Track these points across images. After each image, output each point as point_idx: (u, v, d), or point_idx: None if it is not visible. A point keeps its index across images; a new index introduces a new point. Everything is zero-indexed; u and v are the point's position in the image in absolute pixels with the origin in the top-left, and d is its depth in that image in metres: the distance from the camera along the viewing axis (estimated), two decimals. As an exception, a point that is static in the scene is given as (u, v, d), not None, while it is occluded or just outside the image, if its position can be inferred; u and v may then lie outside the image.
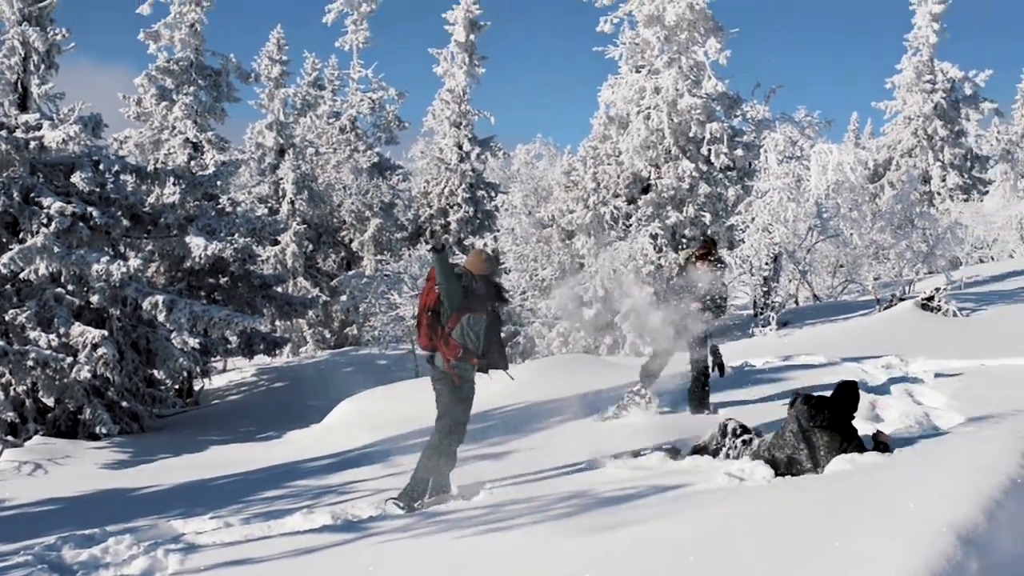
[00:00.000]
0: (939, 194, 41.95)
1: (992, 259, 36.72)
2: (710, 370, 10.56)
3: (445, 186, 37.85)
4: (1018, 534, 5.44)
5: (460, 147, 37.99)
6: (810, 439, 7.46)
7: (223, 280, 24.95)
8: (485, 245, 26.17)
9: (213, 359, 26.54)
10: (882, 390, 10.84)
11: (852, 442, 7.38)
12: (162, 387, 23.24)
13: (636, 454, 8.82)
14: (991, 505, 5.47)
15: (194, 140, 29.47)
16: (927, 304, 19.12)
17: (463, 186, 37.49)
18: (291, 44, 39.41)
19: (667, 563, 5.14)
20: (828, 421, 7.43)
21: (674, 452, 8.70)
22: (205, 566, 6.57)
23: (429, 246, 8.29)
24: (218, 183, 25.44)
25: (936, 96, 42.93)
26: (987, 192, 39.41)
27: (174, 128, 29.67)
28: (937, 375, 11.53)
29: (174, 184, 23.43)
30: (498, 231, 26.19)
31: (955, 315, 18.46)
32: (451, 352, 8.09)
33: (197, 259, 22.80)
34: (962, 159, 43.71)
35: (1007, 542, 5.24)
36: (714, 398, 10.67)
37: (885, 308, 20.75)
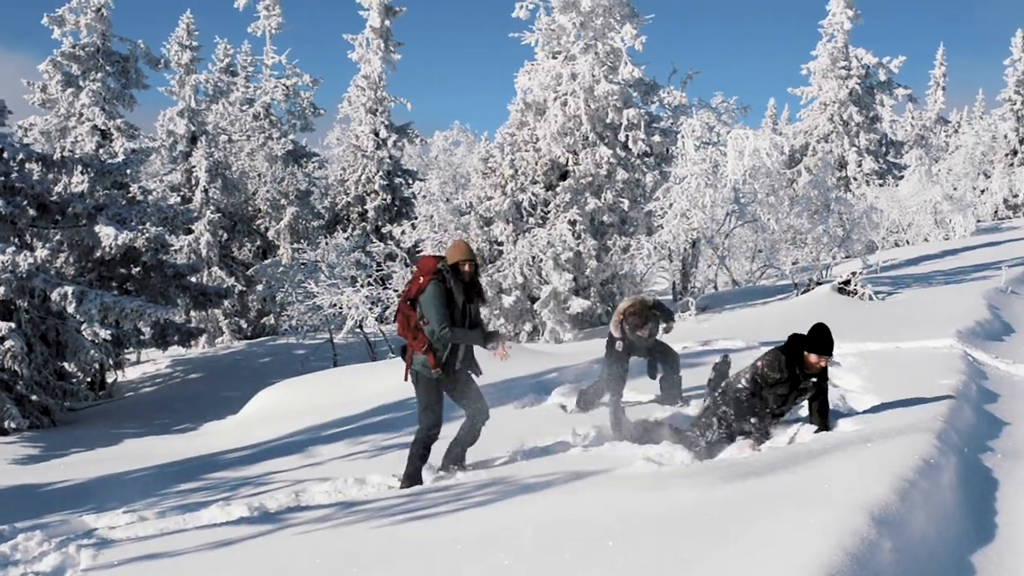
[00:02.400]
0: (855, 179, 42.72)
1: (907, 243, 37.53)
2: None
3: (362, 173, 37.54)
4: (931, 513, 5.53)
5: (377, 134, 37.70)
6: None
7: (135, 270, 24.52)
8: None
9: (126, 351, 26.09)
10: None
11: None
12: (73, 380, 22.78)
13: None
14: (904, 485, 5.55)
15: (102, 127, 28.85)
16: (844, 288, 19.43)
17: (380, 173, 37.23)
18: (202, 30, 38.89)
19: (577, 548, 5.13)
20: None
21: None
22: (118, 561, 6.42)
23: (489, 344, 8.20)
24: (128, 171, 24.97)
25: (851, 82, 43.67)
26: (902, 177, 40.22)
27: (81, 115, 28.99)
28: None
29: (82, 173, 22.93)
30: (416, 218, 26.04)
31: (871, 299, 18.79)
32: (417, 345, 7.99)
33: (107, 249, 22.37)
34: (877, 144, 44.54)
35: (920, 520, 5.33)
36: (632, 384, 10.69)
37: (803, 292, 21.05)
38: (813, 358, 7.67)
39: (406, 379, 8.25)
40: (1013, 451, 7.38)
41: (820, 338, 7.67)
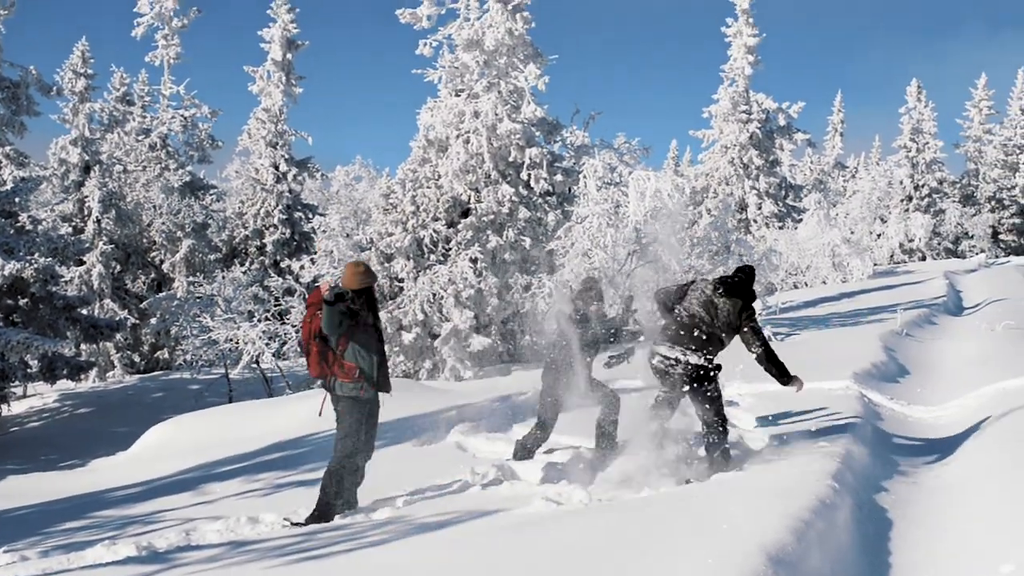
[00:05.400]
0: (755, 221, 43.39)
1: (806, 285, 38.23)
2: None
3: (261, 207, 37.12)
4: (826, 553, 5.59)
5: (276, 167, 37.33)
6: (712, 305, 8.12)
7: (23, 301, 23.80)
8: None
9: (11, 384, 25.25)
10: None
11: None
12: (-46, 414, 21.99)
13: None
14: (800, 525, 5.61)
15: (-9, 155, 28.06)
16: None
17: (279, 207, 36.84)
18: (97, 58, 37.94)
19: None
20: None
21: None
22: (-4, 603, 6.16)
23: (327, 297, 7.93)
24: (17, 200, 24.29)
25: (752, 126, 44.41)
26: (801, 220, 41.02)
27: (-32, 142, 28.16)
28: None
29: (-32, 200, 22.26)
30: (315, 253, 25.81)
31: (770, 339, 19.06)
32: (347, 375, 7.88)
33: (-7, 279, 21.72)
34: (777, 188, 45.31)
35: (815, 560, 5.38)
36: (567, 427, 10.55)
37: (702, 333, 21.25)
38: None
39: (320, 413, 8.13)
40: (906, 491, 7.52)
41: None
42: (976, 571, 5.59)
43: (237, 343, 24.01)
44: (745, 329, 8.11)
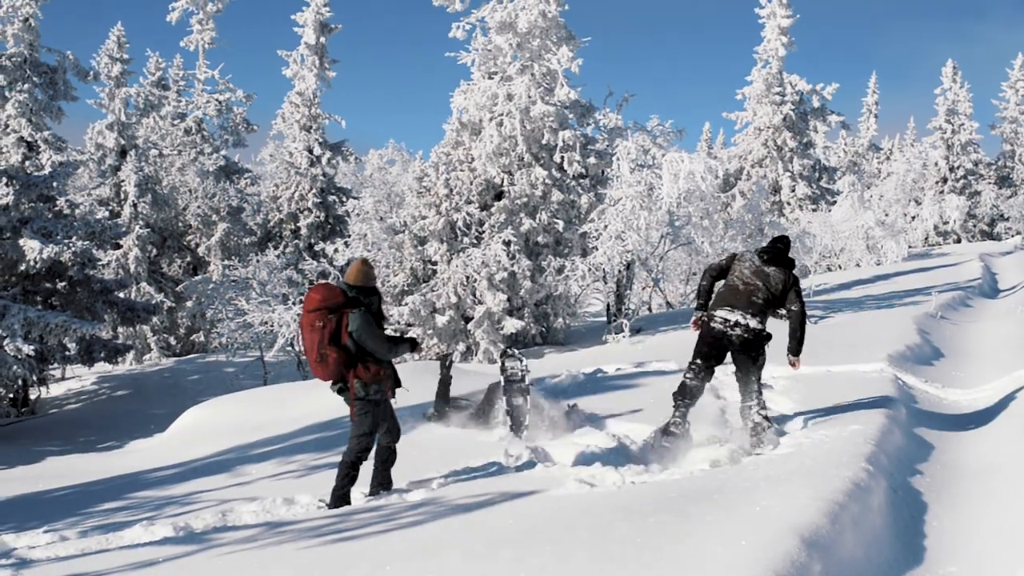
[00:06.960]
0: (788, 204, 43.14)
1: (840, 268, 37.92)
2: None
3: (295, 191, 37.23)
4: (861, 536, 5.57)
5: (310, 151, 37.42)
6: None
7: (61, 285, 24.06)
8: (338, 252, 25.84)
9: (50, 367, 25.55)
10: (731, 396, 11.02)
11: None
12: (-6, 396, 22.26)
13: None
14: (834, 508, 5.59)
15: (29, 139, 28.30)
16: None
17: (314, 191, 36.95)
18: (133, 43, 38.22)
19: (507, 566, 5.09)
20: None
21: None
22: (37, 582, 6.24)
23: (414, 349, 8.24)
24: (55, 184, 24.48)
25: (785, 108, 44.12)
26: (835, 202, 40.68)
27: (7, 127, 28.40)
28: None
29: (7, 185, 22.47)
30: (349, 236, 25.90)
31: (811, 320, 18.95)
32: (372, 376, 7.76)
33: (32, 263, 21.94)
34: (810, 170, 45.03)
35: (849, 543, 5.36)
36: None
37: (735, 315, 21.19)
38: None
39: (355, 417, 7.96)
40: (941, 474, 7.47)
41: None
42: (1013, 556, 5.56)
43: (272, 326, 24.15)
44: (791, 292, 8.77)
